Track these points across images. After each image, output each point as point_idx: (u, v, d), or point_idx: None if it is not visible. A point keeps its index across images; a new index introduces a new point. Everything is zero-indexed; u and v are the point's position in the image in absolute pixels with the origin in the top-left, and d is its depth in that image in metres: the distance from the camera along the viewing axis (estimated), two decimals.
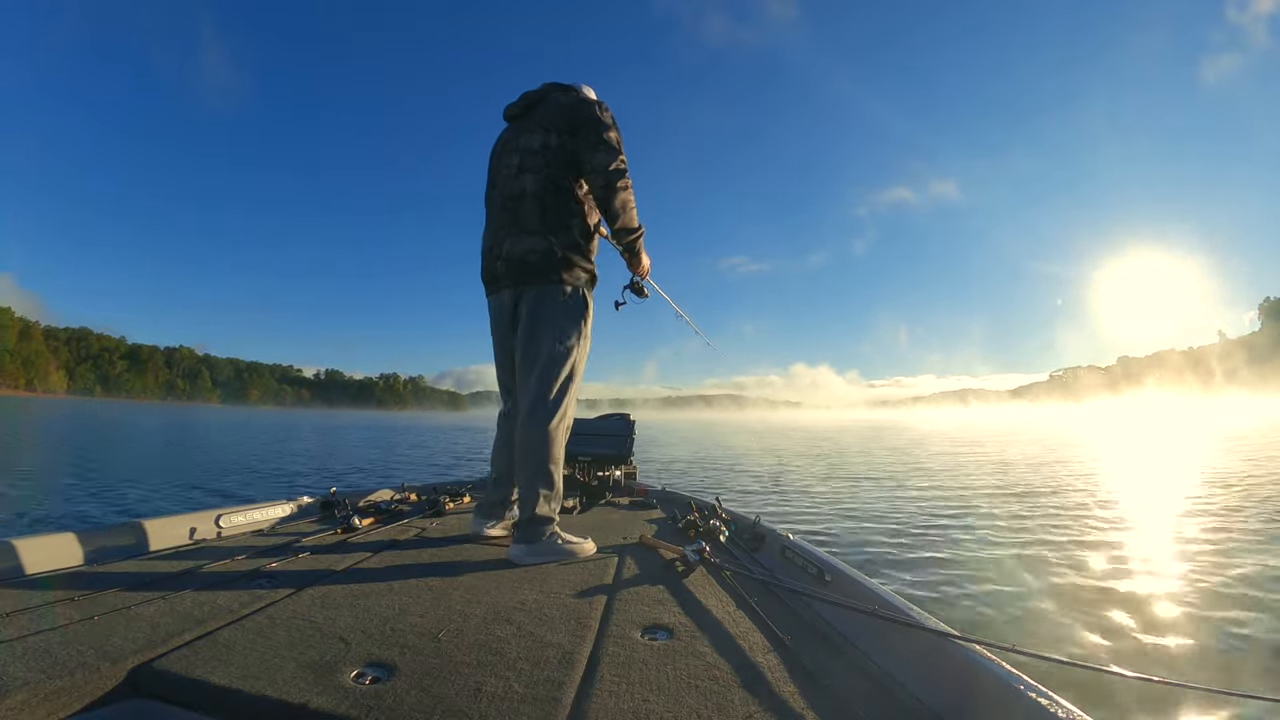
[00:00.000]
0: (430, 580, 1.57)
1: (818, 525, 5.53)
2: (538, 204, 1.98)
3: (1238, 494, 7.09)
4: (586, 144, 1.97)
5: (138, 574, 1.50)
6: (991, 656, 1.01)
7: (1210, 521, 5.42)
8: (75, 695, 0.93)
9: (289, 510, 2.38)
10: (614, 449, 3.35)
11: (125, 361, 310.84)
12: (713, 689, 1.02)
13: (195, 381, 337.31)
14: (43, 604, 1.24)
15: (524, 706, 0.93)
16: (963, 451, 15.73)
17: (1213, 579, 3.56)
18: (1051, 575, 3.71)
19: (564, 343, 1.98)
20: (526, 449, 1.93)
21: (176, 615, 1.23)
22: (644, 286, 2.31)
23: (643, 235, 2.13)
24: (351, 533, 2.09)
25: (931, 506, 6.60)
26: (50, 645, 1.05)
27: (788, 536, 1.97)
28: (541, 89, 2.17)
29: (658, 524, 2.47)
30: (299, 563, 1.71)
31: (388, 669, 1.04)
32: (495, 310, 2.15)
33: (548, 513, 1.90)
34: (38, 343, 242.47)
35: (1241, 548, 4.36)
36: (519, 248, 1.98)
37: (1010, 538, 4.89)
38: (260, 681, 0.97)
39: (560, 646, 1.16)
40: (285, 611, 1.29)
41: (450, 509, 2.64)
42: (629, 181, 1.98)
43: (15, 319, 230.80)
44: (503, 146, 2.17)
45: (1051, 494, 7.48)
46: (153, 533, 1.84)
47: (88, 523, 3.84)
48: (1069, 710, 0.83)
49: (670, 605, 1.43)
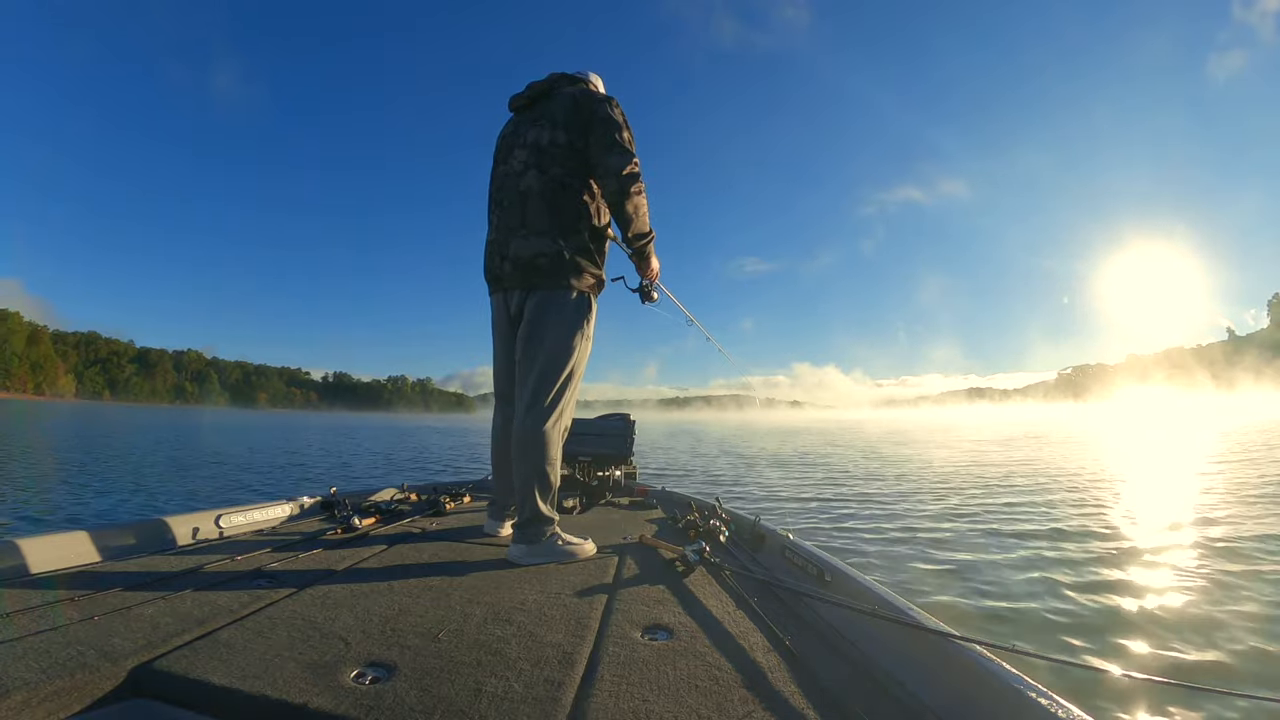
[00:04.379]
0: (430, 580, 1.57)
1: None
2: (545, 204, 1.94)
3: (1255, 492, 7.01)
4: (599, 145, 1.92)
5: (138, 574, 1.51)
6: (992, 656, 1.00)
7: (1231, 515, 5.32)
8: (75, 695, 0.94)
9: (290, 510, 2.38)
10: (614, 449, 3.35)
11: (134, 365, 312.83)
12: (713, 689, 1.02)
13: (204, 385, 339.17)
14: (44, 604, 1.25)
15: (524, 706, 0.93)
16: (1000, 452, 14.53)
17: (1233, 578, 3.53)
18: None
19: (565, 344, 1.95)
20: (524, 449, 1.91)
21: (177, 615, 1.24)
22: (653, 290, 2.22)
23: (653, 240, 2.08)
24: (352, 533, 2.09)
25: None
26: (50, 645, 1.05)
27: (788, 536, 1.96)
28: (548, 79, 2.12)
29: (658, 524, 2.46)
30: (299, 563, 1.71)
31: (388, 669, 1.04)
32: (498, 309, 2.13)
33: (547, 513, 1.89)
34: (46, 347, 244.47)
35: (1258, 550, 4.31)
36: (527, 250, 1.94)
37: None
38: (260, 681, 0.97)
39: (560, 646, 1.16)
40: (285, 611, 1.30)
41: (450, 509, 2.65)
42: (642, 185, 1.94)
43: (24, 323, 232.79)
44: (508, 140, 2.11)
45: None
46: (153, 532, 1.85)
47: (89, 523, 3.86)
48: (1069, 710, 0.82)
49: (670, 605, 1.43)
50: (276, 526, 2.23)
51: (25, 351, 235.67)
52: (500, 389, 2.20)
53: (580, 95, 2.00)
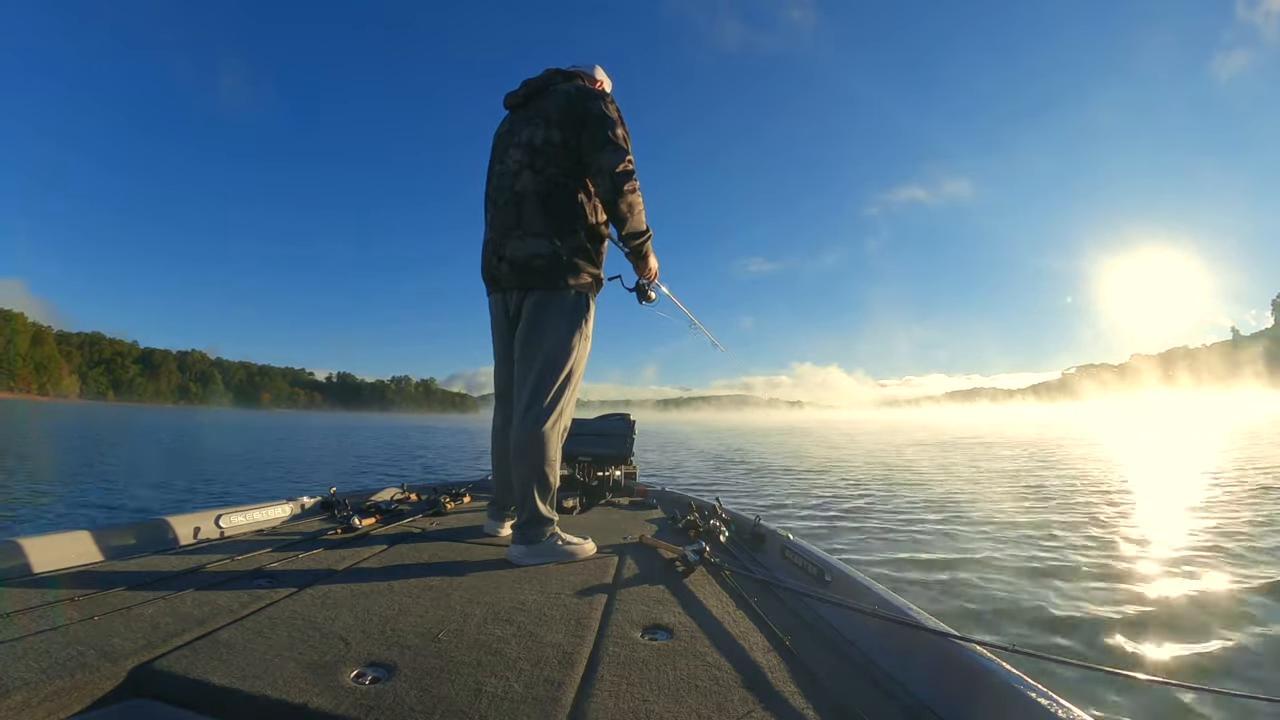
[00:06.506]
0: (430, 580, 1.57)
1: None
2: (541, 205, 1.92)
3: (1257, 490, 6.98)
4: (592, 143, 1.88)
5: (139, 574, 1.51)
6: (991, 656, 1.00)
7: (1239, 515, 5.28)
8: (75, 695, 0.94)
9: (290, 510, 2.39)
10: (614, 449, 3.34)
11: (138, 366, 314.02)
12: (713, 689, 1.02)
13: (207, 385, 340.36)
14: (44, 603, 1.25)
15: (524, 706, 0.93)
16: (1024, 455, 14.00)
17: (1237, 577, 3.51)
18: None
19: (564, 344, 1.94)
20: (523, 450, 1.90)
21: (177, 615, 1.24)
22: (651, 290, 2.19)
23: (650, 238, 2.06)
24: (352, 533, 2.10)
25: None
26: (51, 645, 1.05)
27: (788, 536, 1.96)
28: (544, 76, 2.08)
29: (658, 524, 2.46)
30: (299, 563, 1.71)
31: (388, 669, 1.04)
32: (496, 310, 2.12)
33: (547, 514, 1.89)
34: (50, 348, 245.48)
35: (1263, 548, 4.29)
36: (523, 251, 1.93)
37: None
38: (260, 681, 0.97)
39: (560, 646, 1.16)
40: (285, 611, 1.30)
41: (450, 509, 2.65)
42: (636, 184, 1.91)
43: (28, 324, 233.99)
44: (504, 139, 2.08)
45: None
46: (154, 532, 1.86)
47: (90, 523, 3.87)
48: (1069, 710, 0.82)
49: (670, 605, 1.43)
50: (277, 526, 2.23)
51: (29, 352, 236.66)
52: (500, 389, 2.20)
53: (574, 92, 1.96)
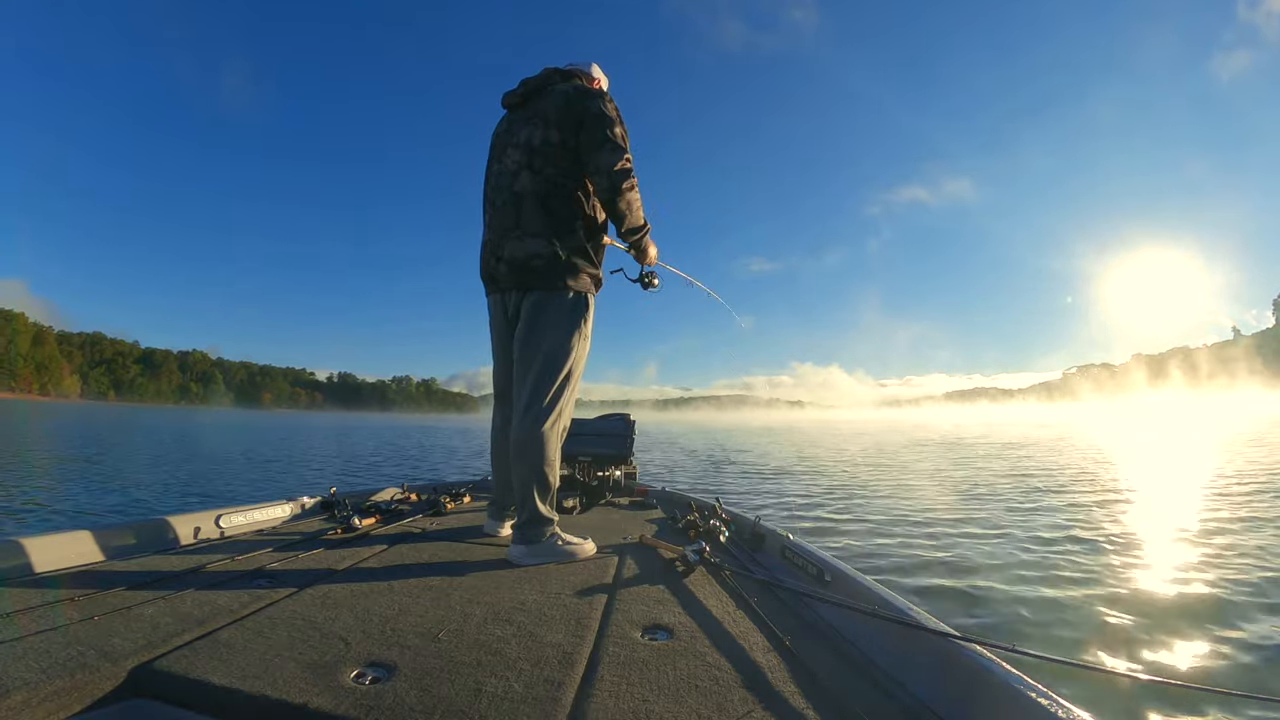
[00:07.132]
0: (430, 580, 1.57)
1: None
2: (540, 205, 1.93)
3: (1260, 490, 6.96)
4: (590, 142, 1.89)
5: (139, 573, 1.51)
6: (992, 656, 1.00)
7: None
8: (75, 695, 0.94)
9: (290, 510, 2.39)
10: (614, 449, 3.34)
11: (139, 366, 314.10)
12: (713, 689, 1.02)
13: (208, 385, 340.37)
14: (44, 603, 1.25)
15: (524, 706, 0.93)
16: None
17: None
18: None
19: (563, 345, 1.95)
20: (522, 450, 1.90)
21: (177, 615, 1.24)
22: (653, 276, 2.23)
23: (649, 231, 2.08)
24: (352, 533, 2.10)
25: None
26: (50, 645, 1.06)
27: (788, 537, 1.96)
28: (541, 75, 2.09)
29: (658, 524, 2.46)
30: (299, 563, 1.71)
31: (388, 669, 1.04)
32: (495, 310, 2.13)
33: (546, 514, 1.89)
34: (51, 348, 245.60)
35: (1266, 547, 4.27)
36: (522, 251, 1.93)
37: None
38: (260, 681, 0.97)
39: (560, 646, 1.16)
40: (285, 611, 1.30)
41: (450, 509, 2.65)
42: (634, 181, 1.92)
43: (29, 324, 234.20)
44: (502, 138, 2.09)
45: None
46: (154, 532, 1.86)
47: (91, 522, 3.87)
48: (1069, 710, 0.82)
49: (670, 605, 1.43)
50: (277, 526, 2.24)
51: (30, 352, 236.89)
52: (499, 389, 2.20)
53: (572, 91, 1.97)
